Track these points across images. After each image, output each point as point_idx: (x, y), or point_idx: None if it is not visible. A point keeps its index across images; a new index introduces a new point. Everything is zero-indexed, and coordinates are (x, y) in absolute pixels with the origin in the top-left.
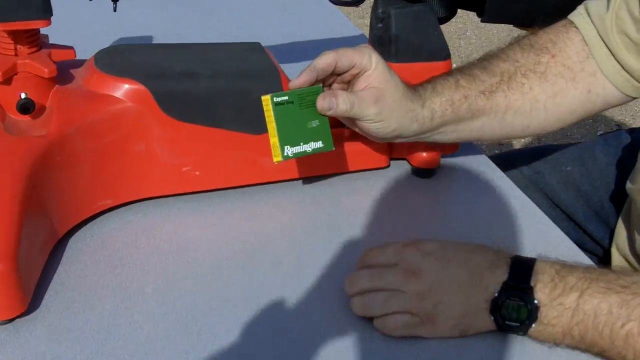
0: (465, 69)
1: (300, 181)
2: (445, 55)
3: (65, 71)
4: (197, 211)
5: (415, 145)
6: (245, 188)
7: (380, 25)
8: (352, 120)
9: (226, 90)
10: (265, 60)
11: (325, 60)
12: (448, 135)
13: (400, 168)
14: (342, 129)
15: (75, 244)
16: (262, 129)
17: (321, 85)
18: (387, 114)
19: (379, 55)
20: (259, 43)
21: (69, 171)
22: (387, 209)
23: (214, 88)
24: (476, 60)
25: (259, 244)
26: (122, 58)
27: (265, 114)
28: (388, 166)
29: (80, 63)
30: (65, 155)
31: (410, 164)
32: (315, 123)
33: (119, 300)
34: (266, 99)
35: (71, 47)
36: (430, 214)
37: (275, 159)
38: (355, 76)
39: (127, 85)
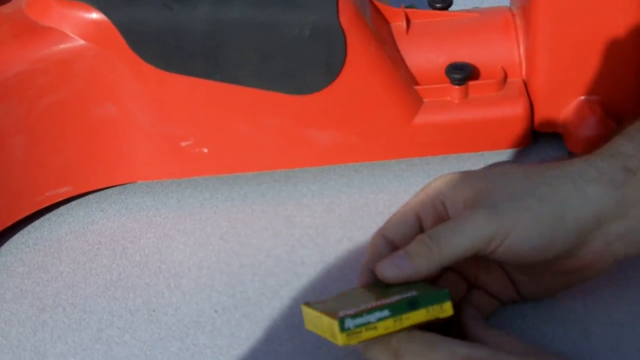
0: None
1: (362, 166)
2: None
3: None
4: (199, 210)
5: (579, 111)
6: (277, 173)
7: None
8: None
9: (241, 23)
10: None
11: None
12: None
13: (549, 147)
14: None
15: (8, 253)
16: (303, 86)
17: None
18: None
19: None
20: None
21: None
22: None
23: (221, 19)
24: None
25: (280, 284)
26: None
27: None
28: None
29: None
30: None
31: (567, 146)
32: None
33: None
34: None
35: None
36: None
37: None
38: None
39: (78, 14)
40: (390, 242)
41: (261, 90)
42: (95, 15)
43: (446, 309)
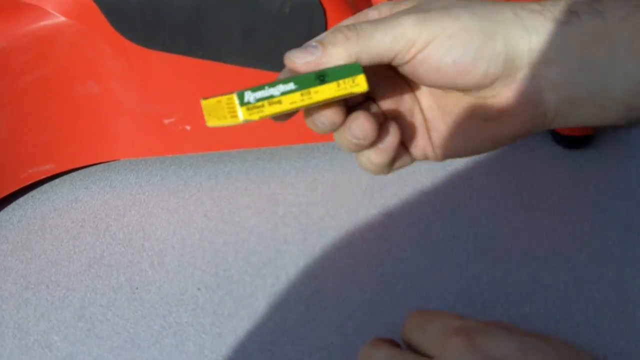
0: None
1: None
2: None
3: None
4: (182, 187)
5: None
6: (261, 151)
7: None
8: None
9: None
10: None
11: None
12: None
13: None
14: None
15: None
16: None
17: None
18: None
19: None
20: None
21: None
22: (503, 199)
23: None
24: None
25: (263, 262)
26: None
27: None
28: None
29: None
30: None
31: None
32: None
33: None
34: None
35: None
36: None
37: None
38: None
39: None
40: None
41: (243, 68)
42: None
43: (359, 83)
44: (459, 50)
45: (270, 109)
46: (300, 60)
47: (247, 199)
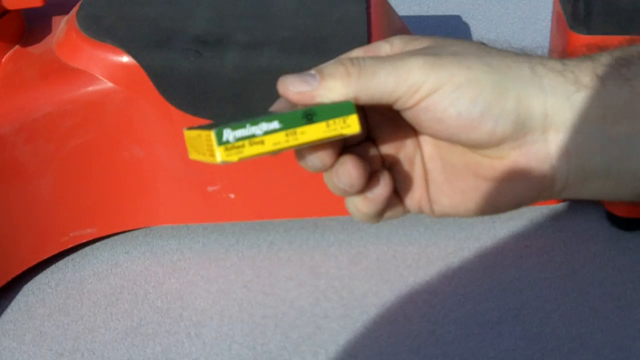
0: None
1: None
2: None
3: (44, 23)
4: (224, 256)
5: None
6: (305, 220)
7: None
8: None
9: (270, 70)
10: (357, 18)
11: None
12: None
13: (586, 210)
14: None
15: (30, 294)
16: None
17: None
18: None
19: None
20: None
21: (15, 189)
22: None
23: (250, 66)
24: None
25: (303, 338)
26: (119, 8)
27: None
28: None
29: None
30: (3, 166)
31: (604, 207)
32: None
33: None
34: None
35: None
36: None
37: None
38: None
39: (108, 56)
40: None
41: None
42: (125, 58)
43: (351, 124)
44: (465, 102)
45: (251, 150)
46: (294, 88)
47: (289, 271)
